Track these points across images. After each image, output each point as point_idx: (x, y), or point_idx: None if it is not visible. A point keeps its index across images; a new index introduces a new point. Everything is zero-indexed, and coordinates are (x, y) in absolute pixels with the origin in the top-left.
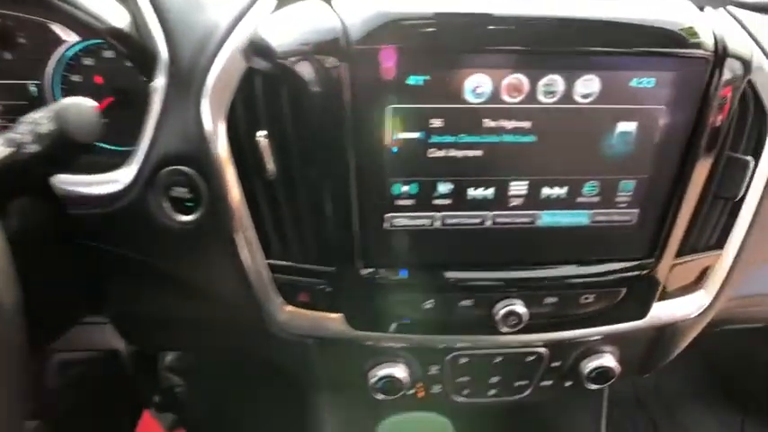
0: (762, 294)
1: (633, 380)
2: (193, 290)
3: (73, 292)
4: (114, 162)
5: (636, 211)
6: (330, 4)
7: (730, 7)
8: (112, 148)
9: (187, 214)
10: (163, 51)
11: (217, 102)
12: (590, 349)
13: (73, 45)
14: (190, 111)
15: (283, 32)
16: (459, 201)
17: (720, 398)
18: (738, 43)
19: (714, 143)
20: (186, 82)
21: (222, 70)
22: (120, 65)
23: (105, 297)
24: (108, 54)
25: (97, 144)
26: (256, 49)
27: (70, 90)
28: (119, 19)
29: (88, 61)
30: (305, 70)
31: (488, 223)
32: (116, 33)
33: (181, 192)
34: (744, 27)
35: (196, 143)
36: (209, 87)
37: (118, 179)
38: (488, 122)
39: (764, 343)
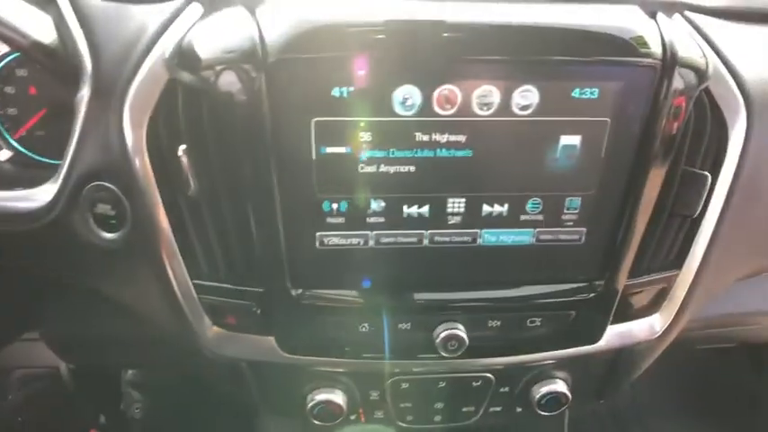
0: (730, 314)
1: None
2: (123, 308)
3: (2, 310)
4: (49, 176)
5: (583, 229)
6: (254, 13)
7: (689, 13)
8: (48, 161)
9: (112, 232)
10: (87, 62)
11: (138, 114)
12: (541, 374)
13: (4, 56)
14: (112, 124)
15: (205, 42)
16: (393, 219)
17: (696, 415)
18: (691, 51)
19: (666, 157)
20: (108, 93)
21: (144, 81)
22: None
23: (36, 315)
24: None
25: (34, 157)
26: (178, 59)
27: (3, 102)
28: (42, 31)
29: (21, 72)
30: (224, 82)
31: (426, 242)
32: (38, 47)
33: (105, 209)
34: (702, 34)
35: (118, 158)
36: (130, 99)
37: (40, 195)
38: (421, 136)
39: (740, 361)
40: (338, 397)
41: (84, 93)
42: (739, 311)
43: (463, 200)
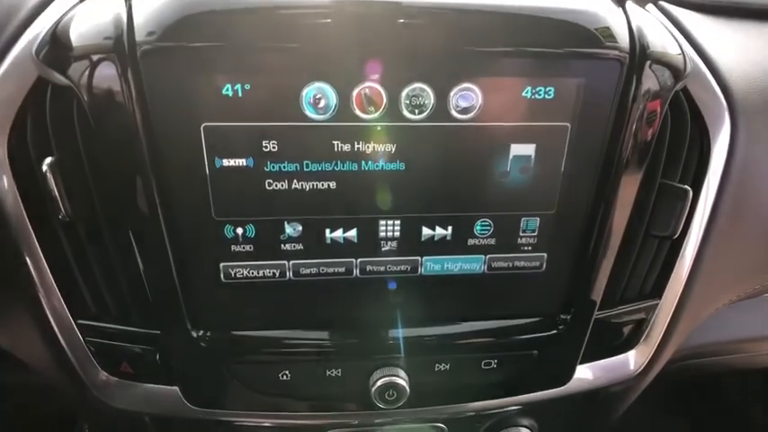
0: (717, 342)
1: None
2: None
3: None
4: None
5: (543, 254)
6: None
7: (665, 4)
8: None
9: None
10: None
11: None
12: (503, 422)
13: None
14: None
15: (74, 33)
16: (314, 245)
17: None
18: (665, 44)
19: (639, 169)
20: None
21: (6, 78)
22: None
23: None
24: None
25: None
26: (47, 51)
27: None
28: None
29: None
30: (90, 79)
31: (356, 272)
32: None
33: None
34: (681, 28)
35: None
36: None
37: None
38: (340, 146)
39: (730, 386)
40: None
41: None
42: (730, 339)
43: (398, 222)
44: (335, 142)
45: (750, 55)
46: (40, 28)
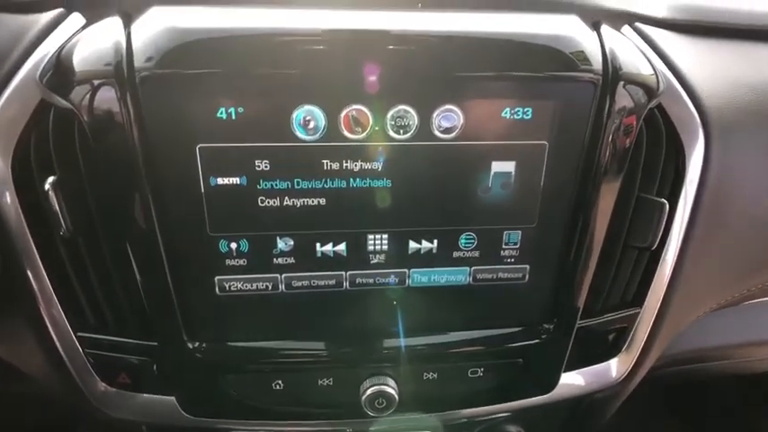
0: (701, 349)
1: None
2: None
3: None
4: None
5: (525, 266)
6: (129, 24)
7: (640, 26)
8: None
9: None
10: None
11: (3, 140)
12: (492, 428)
13: None
14: None
15: (77, 59)
16: (306, 259)
17: None
18: (637, 64)
19: (615, 183)
20: None
21: (11, 101)
22: None
23: None
24: None
25: None
26: (50, 76)
27: None
28: None
29: None
30: (91, 103)
31: (346, 285)
32: None
33: None
34: (655, 48)
35: None
36: None
37: None
38: (329, 164)
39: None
40: None
41: None
42: (712, 345)
43: (386, 236)
44: (325, 161)
45: (724, 73)
46: (43, 53)
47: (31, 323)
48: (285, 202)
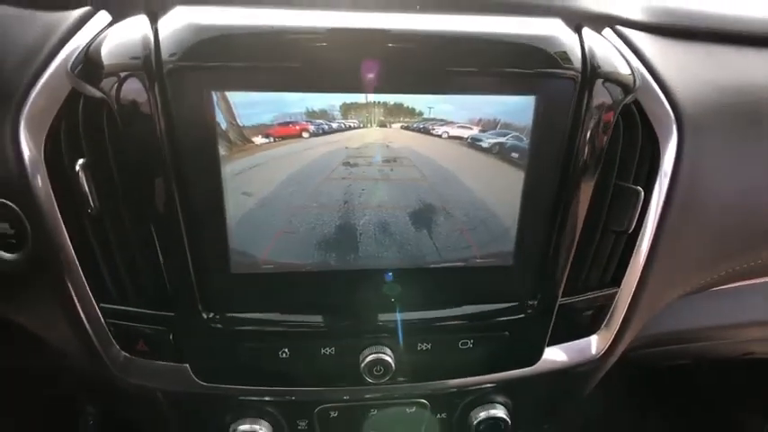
0: (678, 331)
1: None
2: (28, 336)
3: None
4: None
5: (511, 249)
6: (155, 21)
7: (620, 28)
8: None
9: (12, 252)
10: None
11: (36, 126)
12: (479, 399)
13: None
14: (7, 135)
15: (105, 52)
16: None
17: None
18: (614, 63)
19: (593, 172)
20: (5, 101)
21: (44, 91)
22: None
23: None
24: None
25: None
26: (81, 69)
27: None
28: None
29: None
30: (123, 92)
31: (347, 266)
32: None
33: (3, 227)
34: (634, 49)
35: (15, 172)
36: (28, 109)
37: None
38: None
39: (717, 377)
40: (262, 428)
41: None
42: (688, 327)
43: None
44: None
45: (697, 73)
46: (73, 47)
47: (57, 295)
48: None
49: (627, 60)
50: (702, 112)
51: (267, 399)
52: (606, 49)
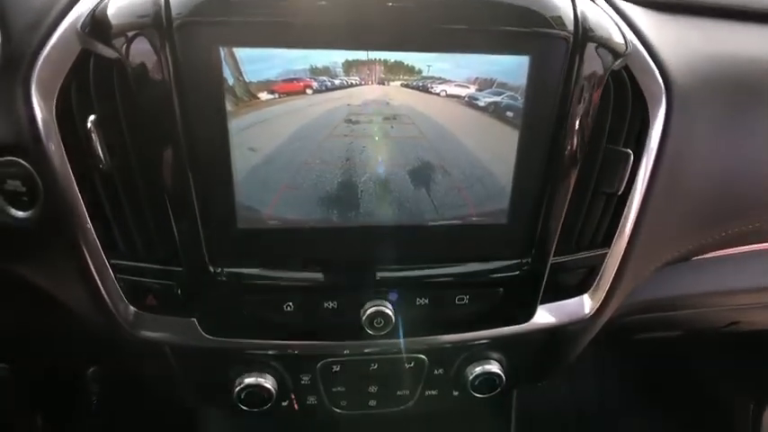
0: (666, 297)
1: (574, 391)
2: (39, 297)
3: None
4: None
5: (505, 208)
6: None
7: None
8: None
9: (24, 209)
10: None
11: (48, 85)
12: (475, 355)
13: None
14: (19, 94)
15: (117, 11)
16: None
17: (660, 415)
18: (605, 26)
19: (584, 133)
20: (17, 63)
21: (55, 50)
22: None
23: None
24: None
25: None
26: (91, 28)
27: None
28: None
29: None
30: (133, 49)
31: (349, 222)
32: None
33: (15, 185)
34: (627, 20)
35: (26, 131)
36: (39, 69)
37: None
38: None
39: (701, 357)
40: (267, 381)
41: None
42: (676, 294)
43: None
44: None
45: (690, 45)
46: (84, 6)
47: (68, 252)
48: None
49: (618, 26)
50: (693, 82)
51: (272, 353)
52: (598, 15)
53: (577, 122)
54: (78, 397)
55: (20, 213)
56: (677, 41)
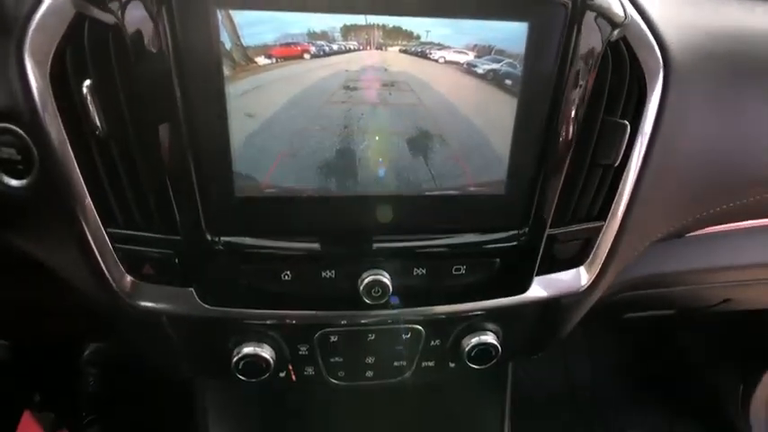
0: (659, 274)
1: (569, 377)
2: (35, 271)
3: None
4: None
5: (503, 179)
6: None
7: None
8: None
9: (19, 178)
10: None
11: (41, 49)
12: (471, 326)
13: None
14: (12, 60)
15: None
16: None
17: (653, 399)
18: None
19: (581, 104)
20: (8, 27)
21: (47, 14)
22: None
23: None
24: None
25: None
26: None
27: None
28: None
29: None
30: (127, 13)
31: (346, 191)
32: None
33: (10, 153)
34: None
35: (20, 97)
36: (32, 33)
37: None
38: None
39: (690, 341)
40: (265, 351)
41: None
42: (669, 270)
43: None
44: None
45: (687, 19)
46: None
47: (65, 221)
48: None
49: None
50: (691, 57)
51: (270, 322)
52: None
53: (575, 92)
54: (75, 376)
55: (15, 182)
56: (676, 15)
